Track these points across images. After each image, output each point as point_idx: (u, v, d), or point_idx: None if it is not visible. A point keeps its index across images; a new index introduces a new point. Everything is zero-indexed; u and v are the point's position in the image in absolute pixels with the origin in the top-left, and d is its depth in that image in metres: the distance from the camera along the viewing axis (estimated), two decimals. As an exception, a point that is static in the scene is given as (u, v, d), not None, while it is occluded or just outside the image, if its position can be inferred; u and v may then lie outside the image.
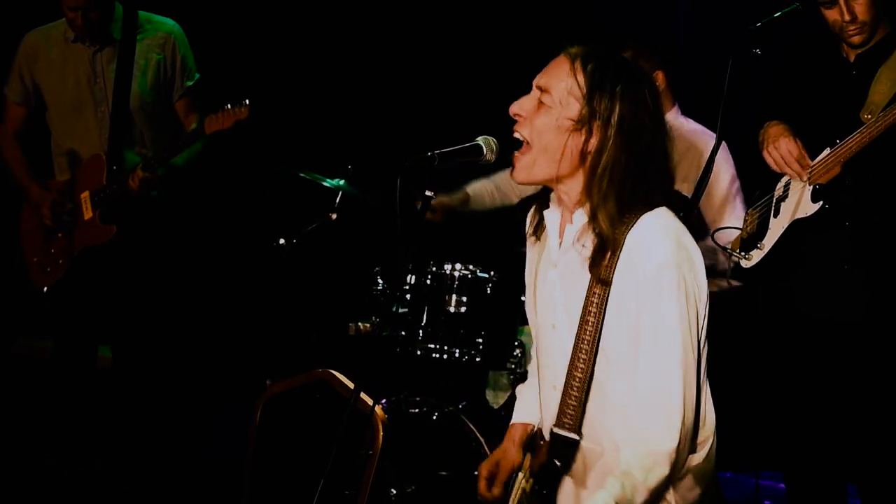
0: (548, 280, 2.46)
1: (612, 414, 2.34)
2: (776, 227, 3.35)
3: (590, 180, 2.32)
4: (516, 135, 2.38)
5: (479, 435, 3.60)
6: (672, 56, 4.06)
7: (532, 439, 2.60)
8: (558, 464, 2.37)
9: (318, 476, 2.51)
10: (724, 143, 3.99)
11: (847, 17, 3.24)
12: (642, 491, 2.24)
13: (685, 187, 3.70)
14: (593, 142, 2.30)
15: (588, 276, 2.33)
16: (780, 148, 3.33)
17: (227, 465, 4.40)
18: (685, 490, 2.35)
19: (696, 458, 2.36)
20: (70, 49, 4.11)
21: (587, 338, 2.31)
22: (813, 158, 3.29)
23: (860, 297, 3.28)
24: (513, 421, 2.67)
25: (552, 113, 2.33)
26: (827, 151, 3.23)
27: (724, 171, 3.99)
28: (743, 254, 3.41)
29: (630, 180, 2.30)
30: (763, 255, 3.36)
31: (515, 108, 2.38)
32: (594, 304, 2.31)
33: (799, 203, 3.28)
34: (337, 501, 3.31)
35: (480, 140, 2.52)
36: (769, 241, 3.36)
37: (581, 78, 2.31)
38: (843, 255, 3.28)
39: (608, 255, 2.29)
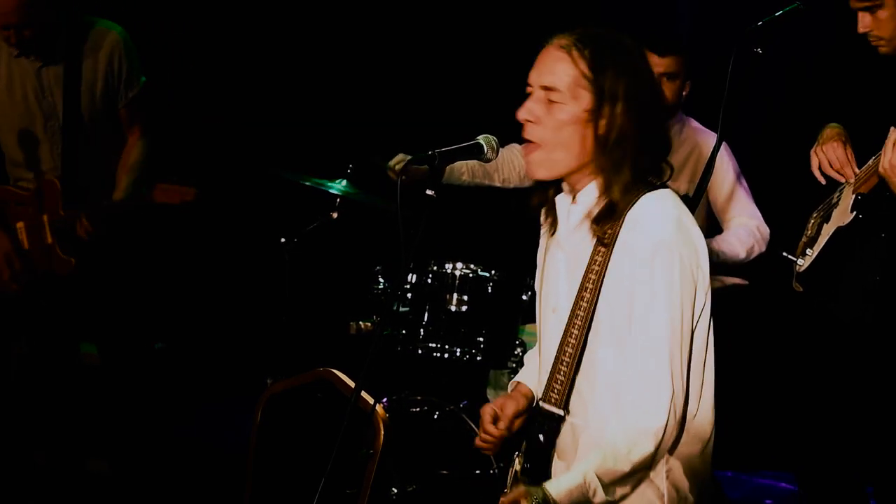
0: (555, 262, 2.47)
1: (600, 389, 2.34)
2: (825, 234, 3.28)
3: (604, 156, 2.33)
4: (529, 140, 2.38)
5: (479, 434, 3.60)
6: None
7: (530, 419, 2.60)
8: (542, 438, 2.37)
9: (319, 475, 2.52)
10: (724, 142, 4.00)
11: (860, 29, 3.15)
12: (624, 463, 2.24)
13: (692, 188, 3.68)
14: (607, 122, 2.31)
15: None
16: (828, 152, 3.25)
17: (228, 463, 4.40)
18: (677, 479, 2.35)
19: (692, 449, 2.36)
20: (15, 64, 4.01)
21: (581, 313, 2.32)
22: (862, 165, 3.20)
23: (887, 309, 3.20)
24: (516, 379, 2.67)
25: (566, 109, 2.33)
26: (872, 160, 3.12)
27: (729, 169, 4.00)
28: (798, 258, 3.36)
29: (641, 149, 2.32)
30: (811, 260, 3.30)
31: (525, 115, 2.37)
32: (591, 281, 2.32)
33: (842, 211, 3.22)
34: (338, 500, 3.31)
35: (481, 139, 2.53)
36: (817, 247, 3.29)
37: (584, 66, 2.32)
38: (875, 265, 3.23)
39: (612, 223, 2.31)
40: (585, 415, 2.37)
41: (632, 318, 2.28)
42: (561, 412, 2.36)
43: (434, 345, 3.82)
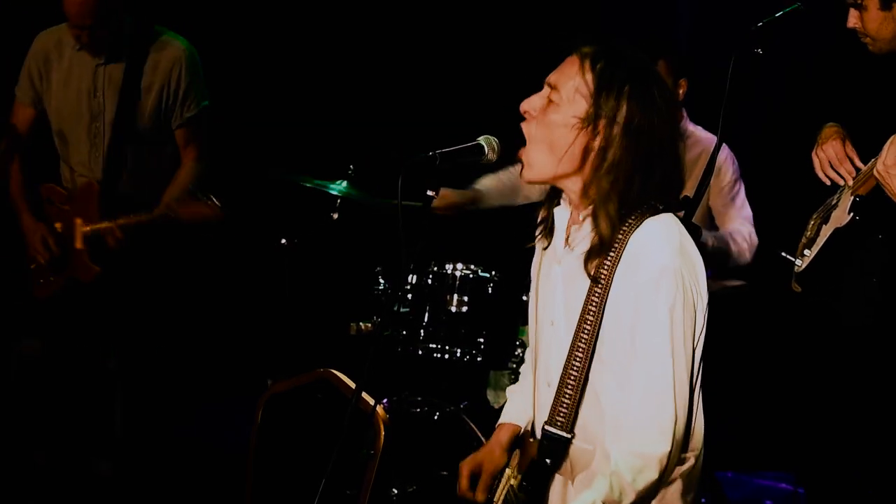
0: (551, 276, 2.45)
1: (604, 415, 2.33)
2: (823, 235, 3.27)
3: (592, 180, 2.31)
4: (524, 131, 2.39)
5: (480, 435, 3.60)
6: (692, 67, 4.05)
7: (521, 437, 2.60)
8: (549, 462, 2.37)
9: (320, 476, 2.51)
10: (728, 147, 4.01)
11: (848, 24, 3.17)
12: (630, 492, 2.23)
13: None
14: (598, 141, 2.29)
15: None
16: (827, 150, 3.24)
17: (228, 463, 4.41)
18: (671, 499, 2.35)
19: (684, 469, 2.35)
20: (76, 57, 4.04)
21: (585, 337, 2.30)
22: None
23: (887, 311, 3.19)
24: (501, 421, 2.66)
25: (560, 110, 2.32)
26: (871, 162, 3.08)
27: (730, 175, 4.00)
28: (796, 259, 3.35)
29: (635, 181, 2.29)
30: (809, 261, 3.28)
31: (525, 106, 2.37)
32: (594, 304, 2.30)
33: (841, 212, 3.21)
34: (338, 501, 3.31)
35: (482, 140, 2.52)
36: (815, 248, 3.28)
37: (589, 77, 2.30)
38: (873, 267, 3.21)
39: (605, 256, 2.29)
40: (590, 439, 2.36)
41: (635, 344, 2.27)
42: (568, 435, 2.35)
43: (434, 345, 3.82)
